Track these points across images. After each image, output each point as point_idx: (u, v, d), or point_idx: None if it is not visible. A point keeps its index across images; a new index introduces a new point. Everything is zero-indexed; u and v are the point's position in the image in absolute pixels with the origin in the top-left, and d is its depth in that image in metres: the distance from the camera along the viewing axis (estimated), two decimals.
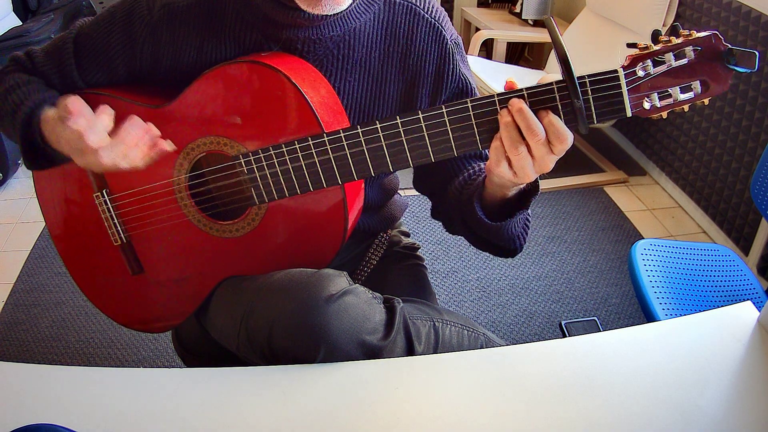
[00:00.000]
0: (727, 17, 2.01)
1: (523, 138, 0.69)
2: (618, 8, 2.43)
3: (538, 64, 3.18)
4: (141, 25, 0.83)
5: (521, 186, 0.78)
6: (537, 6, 3.01)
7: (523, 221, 0.86)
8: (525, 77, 2.64)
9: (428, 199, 1.01)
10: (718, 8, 2.05)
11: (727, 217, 2.10)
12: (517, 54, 3.37)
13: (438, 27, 0.88)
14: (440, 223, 0.99)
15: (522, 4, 3.03)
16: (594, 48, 2.54)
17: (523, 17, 3.05)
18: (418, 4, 0.87)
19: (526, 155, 0.69)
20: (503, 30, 3.01)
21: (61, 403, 0.68)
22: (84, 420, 0.66)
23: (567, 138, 0.69)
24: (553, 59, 2.79)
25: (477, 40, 2.73)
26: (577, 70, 0.66)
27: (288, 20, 0.80)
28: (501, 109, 0.70)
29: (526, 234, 0.88)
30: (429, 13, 0.88)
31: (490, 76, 2.47)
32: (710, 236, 2.19)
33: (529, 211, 0.85)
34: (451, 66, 0.89)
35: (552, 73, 2.89)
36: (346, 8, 0.80)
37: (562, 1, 3.16)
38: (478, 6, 3.37)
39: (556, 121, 0.68)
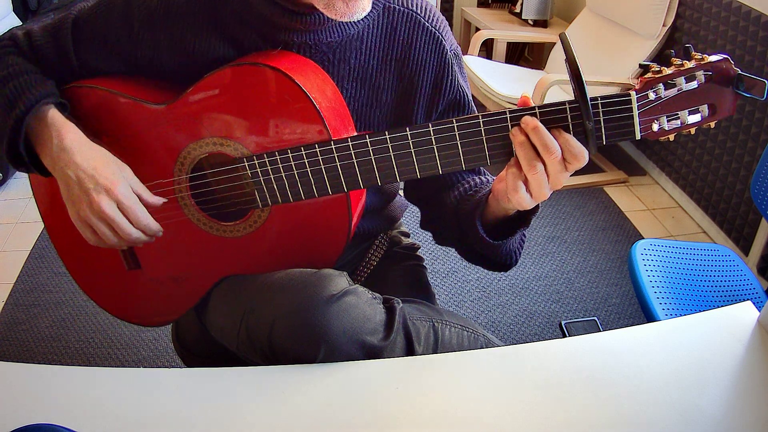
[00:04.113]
0: (727, 17, 2.01)
1: (539, 155, 0.69)
2: (618, 8, 2.43)
3: (538, 64, 3.18)
4: (139, 15, 0.82)
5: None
6: (537, 6, 3.01)
7: (520, 237, 0.86)
8: (525, 77, 2.64)
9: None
10: (718, 8, 2.05)
11: (727, 217, 2.10)
12: (517, 54, 3.37)
13: (438, 37, 0.86)
14: None
15: (522, 4, 3.03)
16: (594, 48, 2.54)
17: (523, 17, 3.06)
18: (419, 12, 0.86)
19: (542, 173, 0.69)
20: (503, 30, 3.01)
21: (61, 403, 0.68)
22: (84, 420, 0.66)
23: (583, 155, 0.69)
24: (552, 59, 2.79)
25: (477, 40, 2.73)
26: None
27: (286, 23, 0.79)
28: (512, 126, 0.69)
29: (521, 250, 0.89)
30: (430, 21, 0.86)
31: (490, 76, 2.47)
32: (710, 236, 2.19)
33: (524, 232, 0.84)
34: (450, 77, 0.88)
35: (552, 73, 2.87)
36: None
37: (562, 1, 3.16)
38: (478, 6, 3.37)
39: (572, 140, 0.68)
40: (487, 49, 3.30)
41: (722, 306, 0.81)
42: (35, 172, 0.84)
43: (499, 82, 2.43)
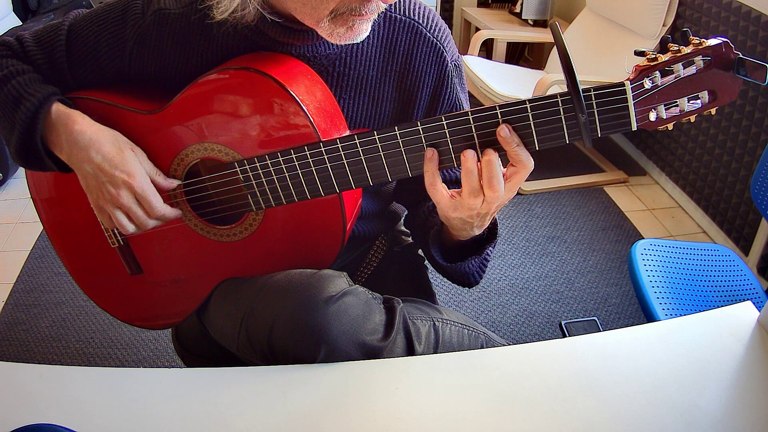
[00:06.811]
0: (727, 17, 2.01)
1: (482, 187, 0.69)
2: (618, 8, 2.43)
3: (538, 64, 3.18)
4: (133, 28, 0.81)
5: (476, 234, 0.78)
6: (537, 6, 3.01)
7: (480, 261, 0.86)
8: (525, 77, 2.64)
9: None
10: (718, 8, 2.05)
11: (727, 217, 2.10)
12: (517, 54, 3.37)
13: (439, 47, 0.85)
14: None
15: (522, 4, 3.03)
16: (594, 48, 2.54)
17: (523, 17, 3.06)
18: (420, 22, 0.84)
19: (479, 204, 0.70)
20: (503, 30, 3.01)
21: (61, 403, 0.68)
22: (84, 420, 0.66)
23: (526, 165, 0.68)
24: (552, 59, 2.79)
25: (477, 40, 2.73)
26: (578, 71, 0.65)
27: (282, 37, 0.78)
28: (502, 122, 0.67)
29: (483, 272, 0.89)
30: (431, 31, 0.84)
31: (490, 76, 2.47)
32: (710, 236, 2.19)
33: (491, 249, 0.85)
34: (449, 90, 0.87)
35: (552, 73, 2.86)
36: None
37: (562, 1, 3.16)
38: (478, 6, 3.37)
39: (522, 153, 0.68)
40: (487, 49, 3.30)
41: (722, 306, 0.80)
42: (53, 169, 0.83)
43: (499, 82, 2.43)
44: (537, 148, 0.69)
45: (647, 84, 0.64)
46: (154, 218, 0.80)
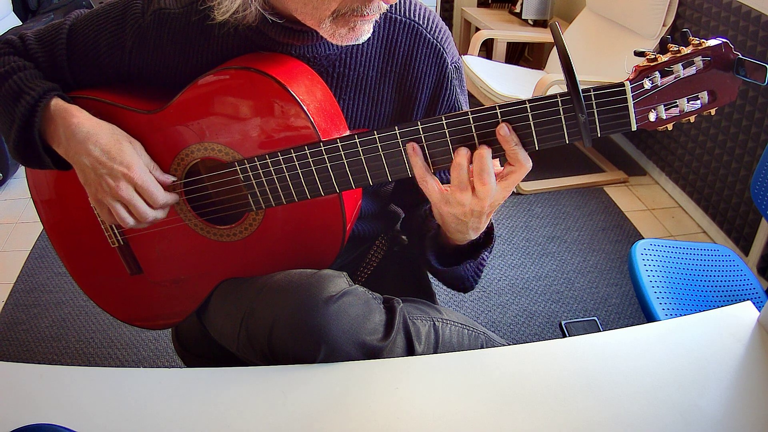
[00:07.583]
0: (727, 17, 2.01)
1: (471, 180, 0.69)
2: (618, 8, 2.43)
3: (538, 64, 3.18)
4: (132, 28, 0.81)
5: (472, 238, 0.78)
6: (537, 6, 3.01)
7: (476, 266, 0.87)
8: (525, 77, 2.64)
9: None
10: (718, 8, 2.05)
11: (727, 217, 2.10)
12: (517, 54, 3.37)
13: (440, 49, 0.84)
14: None
15: (522, 4, 3.04)
16: (594, 48, 2.54)
17: (523, 17, 3.06)
18: (421, 23, 0.83)
19: (469, 198, 0.69)
20: (503, 30, 3.01)
21: (61, 403, 0.68)
22: (84, 420, 0.66)
23: (524, 164, 0.68)
24: (552, 59, 2.79)
25: (477, 40, 2.73)
26: (578, 71, 0.65)
27: (282, 38, 0.78)
28: (502, 121, 0.67)
29: (479, 276, 0.89)
30: (432, 33, 0.84)
31: (490, 76, 2.47)
32: (710, 236, 2.19)
33: (487, 254, 0.85)
34: (448, 91, 0.87)
35: (552, 73, 2.85)
36: None
37: (562, 1, 3.16)
38: (478, 6, 3.37)
39: (521, 152, 0.67)
40: (487, 49, 3.30)
41: (722, 306, 0.81)
42: (50, 166, 0.83)
43: (499, 82, 2.43)
44: (537, 148, 0.69)
45: (647, 84, 0.64)
46: (155, 208, 0.79)
